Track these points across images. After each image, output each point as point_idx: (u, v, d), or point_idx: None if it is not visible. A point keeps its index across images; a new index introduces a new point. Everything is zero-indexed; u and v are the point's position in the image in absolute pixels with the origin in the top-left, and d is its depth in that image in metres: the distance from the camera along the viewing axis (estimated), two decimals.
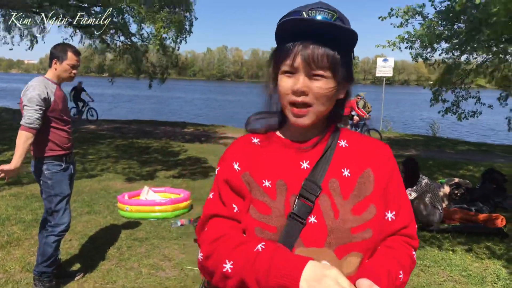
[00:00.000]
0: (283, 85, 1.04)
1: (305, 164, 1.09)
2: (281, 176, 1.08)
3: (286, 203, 1.04)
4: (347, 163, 1.09)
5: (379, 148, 1.15)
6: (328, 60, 1.00)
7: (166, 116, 24.37)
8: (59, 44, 3.42)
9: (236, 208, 1.10)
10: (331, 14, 1.01)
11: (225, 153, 1.18)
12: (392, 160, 1.15)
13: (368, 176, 1.08)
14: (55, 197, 3.30)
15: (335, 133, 1.15)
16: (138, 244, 4.54)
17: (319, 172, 1.06)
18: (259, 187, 1.08)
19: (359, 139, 1.17)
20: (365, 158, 1.11)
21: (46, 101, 3.17)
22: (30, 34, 15.01)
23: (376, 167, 1.10)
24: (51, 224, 3.34)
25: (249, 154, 1.14)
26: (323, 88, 1.01)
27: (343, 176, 1.07)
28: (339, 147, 1.13)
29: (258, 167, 1.11)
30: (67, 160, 3.37)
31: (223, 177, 1.14)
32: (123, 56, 14.90)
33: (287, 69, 1.03)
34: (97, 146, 11.62)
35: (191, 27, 12.54)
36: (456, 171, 8.92)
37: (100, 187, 6.97)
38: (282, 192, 1.05)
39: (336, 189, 1.05)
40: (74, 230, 4.87)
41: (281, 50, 1.05)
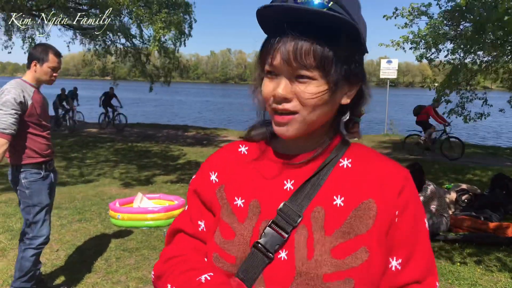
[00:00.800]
0: (264, 90, 0.84)
1: (289, 184, 0.87)
2: (257, 195, 0.88)
3: (255, 229, 0.84)
4: (343, 189, 0.85)
5: (392, 173, 0.86)
6: (314, 57, 0.76)
7: (169, 119, 24.24)
8: (39, 45, 3.20)
9: (203, 225, 0.95)
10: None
11: (206, 160, 1.02)
12: (407, 191, 0.85)
13: (367, 208, 0.83)
14: (33, 207, 3.08)
15: (340, 148, 0.90)
16: (128, 255, 4.31)
17: (304, 196, 0.84)
18: (228, 206, 0.90)
19: (369, 159, 0.90)
20: (369, 184, 0.85)
21: (22, 105, 2.95)
22: (29, 37, 14.92)
23: (382, 199, 0.83)
24: (29, 237, 3.12)
25: (231, 164, 0.95)
26: (310, 93, 0.79)
27: (333, 205, 0.83)
28: (339, 167, 0.88)
29: (234, 181, 0.92)
30: (46, 167, 3.15)
31: (194, 188, 0.99)
32: (124, 58, 14.78)
33: (269, 69, 0.82)
34: (96, 150, 11.47)
35: (191, 30, 12.36)
36: (463, 176, 8.64)
37: (94, 193, 6.76)
38: (253, 215, 0.86)
39: (319, 220, 0.82)
40: (62, 239, 4.66)
41: (264, 45, 0.83)
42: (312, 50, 0.76)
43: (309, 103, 0.79)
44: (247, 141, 0.99)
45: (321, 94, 0.79)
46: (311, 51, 0.76)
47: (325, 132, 0.89)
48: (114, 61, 15.38)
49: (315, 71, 0.78)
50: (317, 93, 0.79)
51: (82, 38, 14.80)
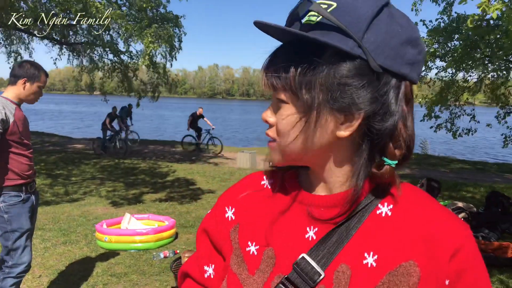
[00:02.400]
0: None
1: (311, 232, 0.71)
2: (273, 242, 0.73)
3: (266, 284, 0.70)
4: (378, 245, 0.67)
5: (445, 229, 0.66)
6: (280, 78, 0.66)
7: (156, 135, 23.97)
8: (28, 63, 3.02)
9: (210, 271, 0.82)
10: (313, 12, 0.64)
11: (223, 192, 0.88)
12: (465, 254, 0.65)
13: (407, 273, 0.64)
14: (13, 233, 2.86)
15: (378, 190, 0.70)
16: (116, 280, 4.08)
17: (327, 250, 0.68)
18: (239, 251, 0.76)
19: (417, 207, 0.69)
20: (412, 241, 0.66)
21: (4, 123, 2.76)
22: (15, 52, 14.73)
23: (427, 262, 0.64)
24: (9, 265, 2.89)
25: (250, 200, 0.81)
26: (280, 118, 0.69)
27: (363, 265, 0.66)
28: (375, 215, 0.69)
29: (250, 222, 0.78)
30: (27, 189, 2.94)
31: (204, 226, 0.86)
32: (112, 74, 14.60)
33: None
34: (82, 167, 11.18)
35: (181, 43, 12.28)
36: (456, 193, 8.58)
37: (79, 213, 6.50)
38: (266, 267, 0.71)
39: (343, 282, 0.65)
40: (45, 264, 4.41)
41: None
42: (283, 70, 0.65)
43: (280, 129, 0.69)
44: (274, 172, 0.83)
45: (288, 120, 0.67)
46: (281, 71, 0.66)
47: (350, 170, 0.71)
48: (101, 76, 15.18)
49: (286, 94, 0.67)
50: (284, 118, 0.68)
51: (70, 54, 14.60)
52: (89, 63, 14.71)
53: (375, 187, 0.70)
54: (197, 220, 6.20)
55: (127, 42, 12.21)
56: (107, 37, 12.75)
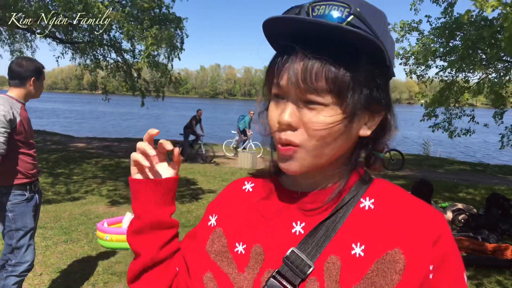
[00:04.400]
0: (269, 115, 0.73)
1: (298, 227, 0.73)
2: (260, 239, 0.75)
3: (256, 280, 0.71)
4: (364, 236, 0.70)
5: (425, 218, 0.70)
6: (326, 80, 0.64)
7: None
8: (26, 60, 3.04)
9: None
10: (343, 10, 0.65)
11: (211, 202, 0.91)
12: (445, 240, 0.69)
13: (393, 260, 0.67)
14: (17, 232, 2.89)
15: (360, 185, 0.75)
16: (116, 279, 4.11)
17: (316, 243, 0.70)
18: (228, 254, 0.77)
19: (397, 199, 0.74)
20: (396, 230, 0.69)
21: (11, 123, 2.79)
22: (17, 51, 14.77)
23: (412, 249, 0.68)
24: (12, 263, 2.92)
25: (233, 205, 0.84)
26: (320, 123, 0.66)
27: (351, 255, 0.68)
28: (359, 209, 0.73)
29: (235, 224, 0.80)
30: (31, 188, 2.97)
31: (188, 235, 0.90)
32: (115, 73, 14.62)
33: (275, 91, 0.71)
34: (84, 166, 11.21)
35: (183, 44, 12.30)
36: (456, 194, 8.59)
37: (81, 212, 6.53)
38: (255, 264, 0.73)
39: (334, 273, 0.68)
40: (46, 262, 4.44)
41: (271, 64, 0.72)
42: (325, 71, 0.64)
43: (317, 135, 0.67)
44: (254, 177, 0.87)
45: (333, 125, 0.67)
46: (323, 72, 0.64)
47: (341, 166, 0.75)
48: (104, 75, 15.20)
49: (328, 96, 0.66)
50: (329, 123, 0.66)
51: (73, 53, 14.64)
52: (91, 62, 14.73)
53: (357, 182, 0.75)
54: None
55: (130, 41, 12.24)
56: (108, 37, 12.75)
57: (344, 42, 0.65)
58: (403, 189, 0.77)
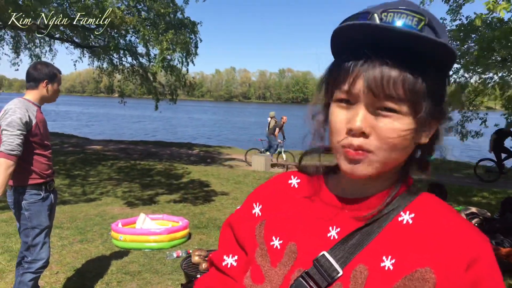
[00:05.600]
0: (336, 120, 0.71)
1: (333, 231, 0.75)
2: (296, 238, 0.77)
3: (286, 277, 0.74)
4: (396, 250, 0.69)
5: (463, 239, 0.68)
6: (405, 88, 0.65)
7: (173, 137, 24.25)
8: (42, 64, 3.17)
9: (230, 261, 0.87)
10: (417, 19, 0.65)
11: (253, 190, 0.93)
12: (482, 264, 0.67)
13: (422, 279, 0.66)
14: (33, 230, 2.99)
15: (404, 197, 0.75)
16: (130, 278, 4.19)
17: (348, 250, 0.72)
18: (264, 245, 0.80)
19: (438, 217, 0.72)
20: (431, 249, 0.68)
21: (27, 125, 2.90)
22: (36, 56, 15.09)
23: (443, 268, 0.66)
24: (28, 260, 3.03)
25: (277, 198, 0.85)
26: (395, 130, 0.67)
27: (380, 267, 0.68)
28: (397, 222, 0.72)
29: (276, 218, 0.82)
30: (46, 188, 3.07)
31: (229, 221, 0.91)
32: (131, 77, 14.83)
33: (343, 96, 0.70)
34: (99, 168, 11.40)
35: (197, 49, 12.43)
36: (471, 198, 8.50)
37: (96, 213, 6.66)
38: (288, 261, 0.75)
39: (360, 282, 0.68)
40: (62, 261, 4.56)
41: (337, 68, 0.71)
42: (402, 79, 0.65)
43: (390, 142, 0.67)
44: (301, 173, 0.88)
45: (406, 133, 0.67)
46: (402, 80, 0.65)
47: (393, 175, 0.75)
48: (120, 79, 15.44)
49: (404, 105, 0.66)
50: (403, 130, 0.67)
51: (90, 56, 14.91)
52: (108, 66, 14.96)
53: (402, 194, 0.75)
54: (210, 221, 6.30)
55: (146, 45, 12.42)
56: (124, 41, 12.94)
57: (415, 51, 0.65)
58: (450, 206, 0.76)
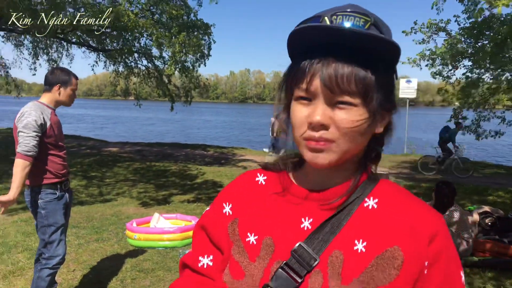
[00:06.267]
0: (297, 116, 0.77)
1: (306, 222, 0.80)
2: (271, 232, 0.81)
3: (266, 270, 0.78)
4: (366, 233, 0.76)
5: (423, 218, 0.77)
6: (357, 83, 0.72)
7: (188, 138, 24.48)
8: (58, 69, 3.31)
9: (205, 261, 0.89)
10: (363, 20, 0.72)
11: (221, 190, 0.96)
12: (440, 239, 0.76)
13: (392, 257, 0.74)
14: (49, 227, 3.12)
15: (366, 185, 0.82)
16: (143, 276, 4.31)
17: (322, 238, 0.77)
18: (240, 242, 0.84)
19: (398, 200, 0.81)
20: (396, 229, 0.76)
21: (42, 127, 3.04)
22: (54, 61, 15.43)
23: (409, 246, 0.74)
24: (46, 257, 3.15)
25: (246, 196, 0.89)
26: (351, 120, 0.73)
27: (354, 251, 0.75)
28: (363, 208, 0.80)
29: (249, 215, 0.86)
30: (62, 188, 3.20)
31: (202, 222, 0.93)
32: (147, 80, 15.04)
33: (302, 94, 0.76)
34: (116, 169, 11.59)
35: (210, 51, 12.55)
36: (486, 197, 8.41)
37: (112, 213, 6.81)
38: (266, 255, 0.80)
39: (337, 266, 0.74)
40: (79, 259, 4.69)
41: (295, 69, 0.77)
42: (354, 74, 0.72)
43: (348, 131, 0.74)
44: (266, 170, 0.93)
45: (361, 123, 0.74)
46: (353, 75, 0.72)
47: (353, 165, 0.82)
48: (136, 81, 15.67)
49: (357, 98, 0.73)
50: (358, 120, 0.73)
51: (106, 60, 15.18)
52: (124, 69, 15.21)
53: (363, 182, 0.82)
54: None
55: (159, 48, 12.61)
56: (139, 44, 13.14)
57: (363, 49, 0.72)
58: (406, 190, 0.84)
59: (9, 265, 4.50)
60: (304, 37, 0.75)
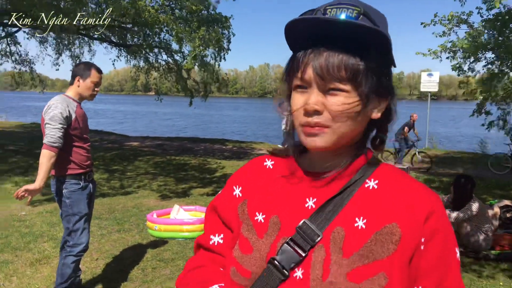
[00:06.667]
0: (294, 103, 0.83)
1: (310, 202, 0.86)
2: (277, 211, 0.88)
3: (273, 245, 0.84)
4: (366, 211, 0.82)
5: (420, 197, 0.82)
6: (347, 70, 0.77)
7: (208, 133, 24.65)
8: (82, 63, 3.43)
9: (216, 239, 0.97)
10: (356, 11, 0.77)
11: (232, 175, 1.03)
12: (436, 217, 0.81)
13: (390, 233, 0.79)
14: (73, 216, 3.24)
15: (367, 168, 0.88)
16: (163, 265, 4.42)
17: (325, 216, 0.82)
18: (249, 221, 0.90)
19: (397, 181, 0.86)
20: (394, 208, 0.81)
21: (67, 119, 3.15)
22: (76, 56, 15.75)
23: (407, 223, 0.80)
24: (70, 244, 3.28)
25: (255, 179, 0.96)
26: (341, 104, 0.78)
27: (355, 227, 0.80)
28: (364, 188, 0.85)
29: (257, 196, 0.93)
30: (85, 178, 3.31)
31: (213, 204, 1.02)
32: (167, 74, 15.19)
33: (298, 83, 0.82)
34: (137, 163, 11.79)
35: (229, 44, 12.59)
36: (508, 192, 8.27)
37: (133, 205, 6.97)
38: (273, 232, 0.86)
39: (338, 241, 0.80)
40: (101, 249, 4.84)
41: (292, 60, 0.84)
42: (344, 63, 0.77)
43: (340, 116, 0.79)
44: (274, 156, 0.99)
45: (351, 106, 0.79)
46: (343, 64, 0.77)
47: (352, 150, 0.88)
48: (156, 76, 15.86)
49: (347, 84, 0.78)
50: (348, 104, 0.79)
51: (126, 55, 15.40)
52: (145, 64, 15.40)
53: (364, 165, 0.88)
54: None
55: (179, 43, 12.72)
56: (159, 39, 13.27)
57: (355, 38, 0.77)
58: (405, 172, 0.90)
59: (35, 253, 4.67)
60: (299, 30, 0.81)
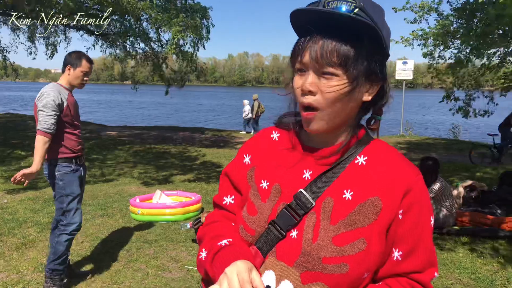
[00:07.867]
0: (295, 85, 0.96)
1: (307, 174, 1.00)
2: (280, 179, 1.02)
3: (274, 209, 1.00)
4: (353, 185, 0.95)
5: (401, 174, 0.95)
6: (338, 55, 0.88)
7: (187, 122, 24.67)
8: (74, 52, 3.56)
9: (228, 200, 1.13)
10: (354, 5, 0.88)
11: (243, 144, 1.17)
12: (414, 192, 0.94)
13: (373, 205, 0.93)
14: (67, 197, 3.42)
15: (359, 145, 1.00)
16: (147, 246, 4.63)
17: (318, 187, 0.97)
18: (255, 187, 1.05)
19: (385, 158, 0.98)
20: (379, 183, 0.94)
21: (60, 107, 3.32)
22: (51, 44, 15.49)
23: (388, 198, 0.93)
24: (63, 224, 3.46)
25: (263, 149, 1.10)
26: (332, 86, 0.90)
27: (342, 198, 0.94)
28: (354, 164, 0.98)
29: (263, 165, 1.07)
30: (77, 162, 3.50)
31: (225, 170, 1.17)
32: (144, 63, 15.12)
33: (299, 66, 0.95)
34: (116, 152, 11.84)
35: (208, 34, 12.67)
36: (474, 174, 8.74)
37: (115, 191, 7.11)
38: (274, 197, 1.01)
39: (327, 210, 0.94)
40: (86, 232, 5.00)
41: (295, 46, 0.96)
42: (336, 49, 0.88)
43: (330, 97, 0.90)
44: (279, 128, 1.12)
45: (340, 88, 0.89)
46: (335, 50, 0.88)
47: (348, 129, 0.99)
48: (133, 65, 15.78)
49: (339, 69, 0.89)
50: (337, 85, 0.89)
51: (103, 43, 15.24)
52: (121, 52, 15.28)
53: (355, 142, 1.00)
54: None
55: (157, 31, 12.69)
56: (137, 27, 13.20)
57: (350, 28, 0.88)
58: (395, 149, 1.02)
59: (20, 238, 4.81)
60: (301, 19, 0.93)
